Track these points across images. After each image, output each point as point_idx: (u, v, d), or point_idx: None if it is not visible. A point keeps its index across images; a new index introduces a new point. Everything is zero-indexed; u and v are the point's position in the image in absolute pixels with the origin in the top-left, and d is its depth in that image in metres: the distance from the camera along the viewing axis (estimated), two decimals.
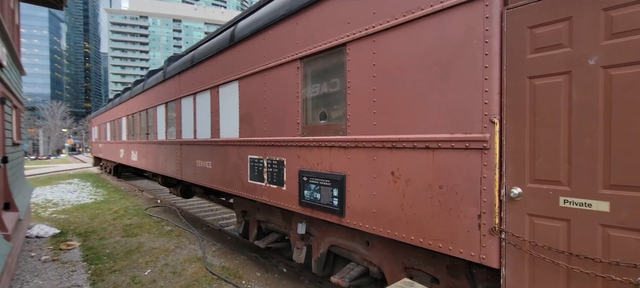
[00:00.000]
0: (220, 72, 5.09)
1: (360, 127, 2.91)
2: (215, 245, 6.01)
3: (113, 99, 14.81)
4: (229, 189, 4.94)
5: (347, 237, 3.56)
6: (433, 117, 2.38)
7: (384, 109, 2.71)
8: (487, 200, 2.10)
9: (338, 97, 3.19)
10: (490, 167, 2.08)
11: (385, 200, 2.72)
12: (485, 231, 2.12)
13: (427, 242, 2.45)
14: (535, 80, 1.89)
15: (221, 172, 5.15)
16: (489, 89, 2.07)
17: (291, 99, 3.66)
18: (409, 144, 2.52)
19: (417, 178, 2.49)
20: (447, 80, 2.29)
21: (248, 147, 4.45)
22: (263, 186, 4.17)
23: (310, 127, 3.48)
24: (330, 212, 3.21)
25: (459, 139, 2.22)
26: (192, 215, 8.51)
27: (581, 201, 1.75)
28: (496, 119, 2.03)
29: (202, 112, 5.73)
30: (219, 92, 5.15)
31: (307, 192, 3.46)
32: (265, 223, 4.90)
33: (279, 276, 4.76)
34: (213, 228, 7.26)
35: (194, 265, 5.12)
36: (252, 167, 4.36)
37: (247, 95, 4.47)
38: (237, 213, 5.53)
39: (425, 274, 2.93)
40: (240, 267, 5.04)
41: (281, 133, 3.83)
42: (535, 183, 1.91)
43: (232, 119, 4.80)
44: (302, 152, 3.54)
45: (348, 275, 3.53)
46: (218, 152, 5.22)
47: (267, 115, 4.06)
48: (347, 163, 3.04)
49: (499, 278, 2.51)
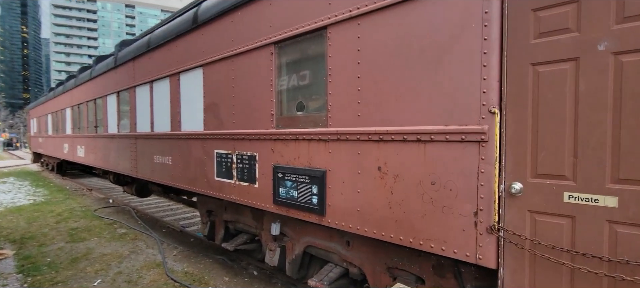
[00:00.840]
0: (182, 57, 4.59)
1: (343, 118, 2.67)
2: (177, 249, 5.50)
3: (55, 88, 13.28)
4: (193, 187, 4.50)
5: (325, 237, 3.33)
6: (425, 108, 2.19)
7: (370, 99, 2.48)
8: (485, 196, 1.95)
9: (318, 86, 2.91)
10: (488, 161, 1.93)
11: (371, 198, 2.52)
12: (482, 230, 1.98)
13: (418, 242, 2.28)
14: (539, 68, 1.76)
15: (183, 169, 4.67)
16: (488, 76, 1.92)
17: (264, 88, 3.33)
18: (398, 137, 2.32)
19: (407, 173, 2.30)
20: (441, 67, 2.11)
21: (214, 141, 4.04)
22: (232, 184, 3.80)
23: (286, 119, 3.18)
24: (309, 211, 2.95)
25: (454, 131, 2.05)
26: (150, 215, 7.82)
27: (587, 196, 1.64)
28: (495, 109, 1.88)
29: (161, 102, 5.17)
30: (180, 80, 4.65)
31: (282, 189, 3.17)
32: (233, 224, 4.53)
33: (249, 280, 4.42)
34: (174, 230, 6.69)
35: (153, 271, 4.62)
36: (220, 162, 3.97)
37: (213, 84, 4.04)
38: (202, 213, 5.08)
39: (410, 274, 2.78)
40: (205, 272, 4.63)
41: (253, 125, 3.48)
42: (538, 178, 1.79)
43: (196, 110, 4.35)
44: (277, 146, 3.23)
45: (327, 277, 3.30)
46: (179, 147, 4.73)
47: (237, 106, 3.68)
48: (328, 158, 2.79)
49: (488, 277, 2.42)
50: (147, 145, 5.68)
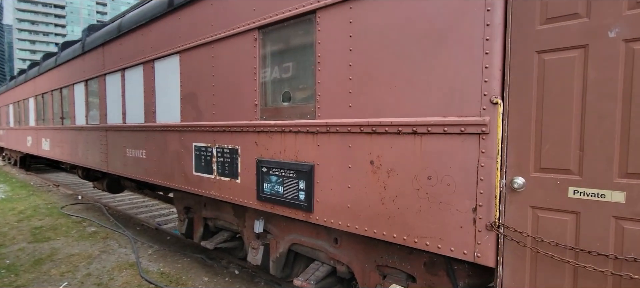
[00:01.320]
0: (156, 43, 4.26)
1: (333, 109, 2.50)
2: (152, 247, 5.20)
3: (17, 77, 12.34)
4: (169, 183, 4.21)
5: (312, 234, 3.17)
6: (422, 98, 2.07)
7: (362, 88, 2.33)
8: (485, 192, 1.85)
9: (305, 75, 2.73)
10: (489, 155, 1.83)
11: (362, 194, 2.38)
12: (481, 226, 1.88)
13: (412, 239, 2.16)
14: (545, 55, 1.66)
15: (158, 163, 4.37)
16: (490, 65, 1.80)
17: (247, 76, 3.10)
18: (392, 129, 2.19)
19: (402, 168, 2.17)
20: (439, 55, 1.99)
21: (193, 133, 3.78)
22: (212, 179, 3.57)
23: (271, 110, 2.98)
24: (296, 208, 2.78)
25: (452, 123, 1.94)
26: (122, 212, 7.40)
27: (593, 191, 1.57)
28: (498, 100, 1.77)
29: (133, 91, 4.82)
30: (155, 68, 4.33)
31: (267, 185, 2.98)
32: (213, 221, 4.29)
33: (230, 279, 4.21)
34: (149, 227, 6.34)
35: (126, 272, 4.32)
36: (198, 156, 3.71)
37: (190, 72, 3.77)
38: (179, 210, 4.80)
39: (401, 272, 2.67)
40: (183, 272, 4.37)
41: (235, 117, 3.26)
42: (541, 173, 1.70)
43: (172, 100, 4.06)
44: (261, 138, 3.02)
45: (313, 276, 3.15)
46: (154, 140, 4.42)
47: (217, 96, 3.44)
48: (317, 151, 2.62)
49: (481, 274, 2.35)
50: (118, 137, 5.30)
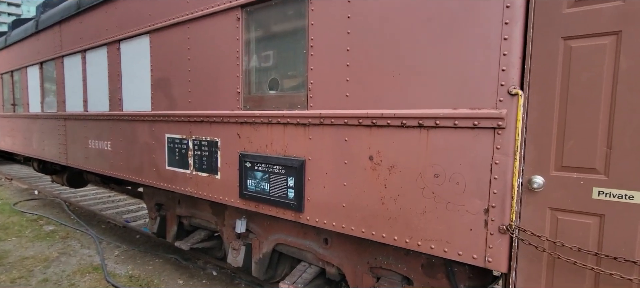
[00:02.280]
0: (123, 21, 3.80)
1: (328, 99, 2.26)
2: (119, 248, 4.77)
3: None
4: (138, 178, 3.81)
5: (299, 234, 2.94)
6: (430, 88, 1.87)
7: (361, 76, 2.10)
8: (498, 191, 1.69)
9: (296, 60, 2.46)
10: (504, 151, 1.66)
11: (359, 192, 2.16)
12: (494, 229, 1.72)
13: (415, 242, 1.98)
14: (572, 42, 1.50)
15: (126, 156, 3.95)
16: (509, 52, 1.63)
17: (229, 61, 2.78)
18: (395, 121, 1.98)
19: (405, 164, 1.98)
20: (451, 39, 1.79)
21: (165, 123, 3.40)
22: (188, 174, 3.23)
23: (256, 99, 2.69)
24: (284, 207, 2.53)
25: (464, 116, 1.75)
26: (85, 208, 6.80)
27: (621, 193, 1.44)
28: (518, 91, 1.60)
29: (96, 76, 4.32)
30: (121, 50, 3.87)
31: (251, 181, 2.70)
32: (188, 219, 3.94)
33: (207, 281, 3.91)
34: (116, 225, 5.84)
35: (89, 277, 3.91)
36: (172, 149, 3.35)
37: (163, 55, 3.38)
38: (150, 207, 4.40)
39: (396, 274, 2.51)
40: (155, 274, 4.02)
41: (214, 106, 2.93)
42: (563, 171, 1.56)
43: (142, 86, 3.64)
44: (244, 130, 2.73)
45: (300, 279, 2.93)
46: (121, 130, 3.98)
47: (194, 83, 3.09)
48: (308, 145, 2.38)
49: (483, 276, 2.23)
50: (79, 127, 4.77)
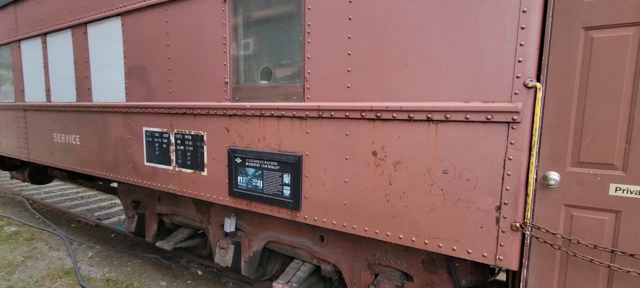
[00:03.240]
0: (89, 2, 3.42)
1: (327, 90, 2.11)
2: (93, 248, 4.44)
3: None
4: (113, 175, 3.51)
5: (292, 232, 2.81)
6: (439, 79, 1.76)
7: (364, 66, 1.96)
8: (511, 188, 1.63)
9: (291, 48, 2.28)
10: (519, 147, 1.59)
11: (362, 189, 2.05)
12: (506, 226, 1.67)
13: (422, 241, 1.91)
14: (594, 33, 1.43)
15: (98, 151, 3.62)
16: (526, 42, 1.54)
17: (214, 47, 2.55)
18: (401, 115, 1.87)
19: (412, 160, 1.88)
20: (463, 27, 1.68)
21: (142, 115, 3.12)
22: (170, 171, 2.99)
23: (247, 90, 2.49)
24: (279, 205, 2.38)
25: (476, 109, 1.67)
26: (52, 206, 6.31)
27: (638, 188, 1.41)
28: (535, 83, 1.52)
29: (60, 62, 3.90)
30: (88, 34, 3.50)
31: (242, 178, 2.52)
32: (170, 217, 3.70)
33: (192, 282, 3.71)
34: (87, 224, 5.45)
35: (61, 282, 3.61)
36: (151, 144, 3.09)
37: (138, 40, 3.07)
38: (126, 205, 4.10)
39: (395, 270, 2.45)
40: (134, 276, 3.77)
41: (198, 96, 2.70)
42: (579, 167, 1.51)
43: (114, 74, 3.31)
44: (233, 123, 2.53)
45: (295, 278, 2.82)
46: (91, 123, 3.63)
47: (175, 71, 2.82)
48: (305, 139, 2.23)
49: (483, 271, 2.20)
50: (42, 119, 4.33)
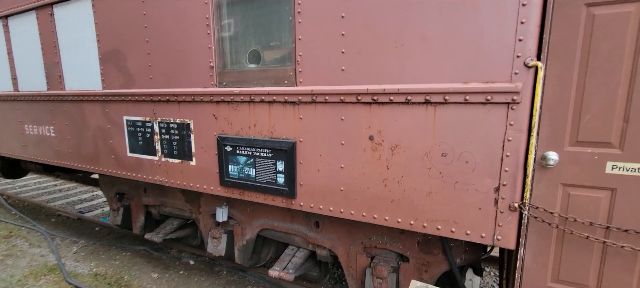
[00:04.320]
0: None
1: (320, 73, 2.02)
2: (77, 243, 4.29)
3: None
4: (94, 167, 3.35)
5: (287, 219, 2.77)
6: (438, 60, 1.71)
7: (359, 47, 1.88)
8: (510, 169, 1.63)
9: (280, 28, 2.16)
10: (518, 127, 1.58)
11: (359, 175, 2.02)
12: (504, 207, 1.68)
13: (420, 224, 1.91)
14: (596, 9, 1.40)
15: (76, 143, 3.43)
16: (527, 19, 1.50)
17: (197, 28, 2.39)
18: (398, 98, 1.82)
19: (410, 144, 1.85)
20: (461, 6, 1.62)
21: (122, 104, 2.95)
22: (155, 161, 2.87)
23: (234, 74, 2.36)
24: (274, 194, 2.33)
25: (476, 90, 1.63)
26: (28, 201, 6.03)
27: (634, 166, 1.43)
28: (535, 63, 1.50)
29: (26, 48, 3.61)
30: (56, 16, 3.23)
31: (233, 167, 2.44)
32: (157, 208, 3.59)
33: (185, 272, 3.66)
34: (68, 218, 5.25)
35: (46, 279, 3.47)
36: (133, 133, 2.93)
37: (112, 22, 2.85)
38: (110, 197, 3.94)
39: (391, 252, 2.47)
40: (124, 270, 3.67)
41: (182, 82, 2.55)
42: (578, 146, 1.52)
43: (88, 60, 3.09)
44: (221, 110, 2.42)
45: (291, 264, 2.81)
46: (65, 113, 3.41)
47: (155, 55, 2.65)
48: (299, 125, 2.15)
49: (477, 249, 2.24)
50: (10, 109, 4.05)
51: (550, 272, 1.67)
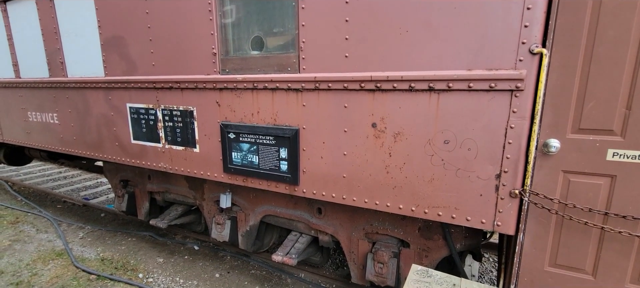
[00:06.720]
0: None
1: (323, 60, 2.02)
2: (83, 229, 4.36)
3: None
4: (99, 154, 3.38)
5: (289, 205, 2.81)
6: (442, 46, 1.70)
7: (363, 34, 1.87)
8: (512, 156, 1.65)
9: (283, 15, 2.14)
10: (521, 115, 1.59)
11: (361, 162, 2.04)
12: (505, 194, 1.70)
13: (422, 210, 1.93)
14: None
15: (80, 130, 3.45)
16: (533, 4, 1.49)
17: (199, 14, 2.38)
18: (402, 85, 1.82)
19: (413, 131, 1.86)
20: None
21: (125, 91, 2.95)
22: (159, 148, 2.89)
23: (237, 61, 2.36)
24: (277, 180, 2.35)
25: (480, 77, 1.63)
26: (34, 188, 6.10)
27: (634, 153, 1.44)
28: (540, 49, 1.49)
29: (26, 33, 3.59)
30: (55, 1, 3.20)
31: (236, 154, 2.46)
32: (162, 195, 3.64)
33: (190, 257, 3.73)
34: (74, 204, 5.32)
35: (53, 264, 3.55)
36: (137, 121, 2.95)
37: (113, 8, 2.83)
38: (114, 184, 3.98)
39: (392, 238, 2.51)
40: (129, 254, 3.75)
41: (185, 69, 2.55)
42: (579, 134, 1.53)
43: (89, 46, 3.08)
44: (224, 97, 2.42)
45: (294, 249, 2.86)
46: (69, 100, 3.42)
47: (157, 42, 2.64)
48: (302, 112, 2.16)
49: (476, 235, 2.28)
50: (12, 97, 4.06)
51: (548, 257, 1.71)
